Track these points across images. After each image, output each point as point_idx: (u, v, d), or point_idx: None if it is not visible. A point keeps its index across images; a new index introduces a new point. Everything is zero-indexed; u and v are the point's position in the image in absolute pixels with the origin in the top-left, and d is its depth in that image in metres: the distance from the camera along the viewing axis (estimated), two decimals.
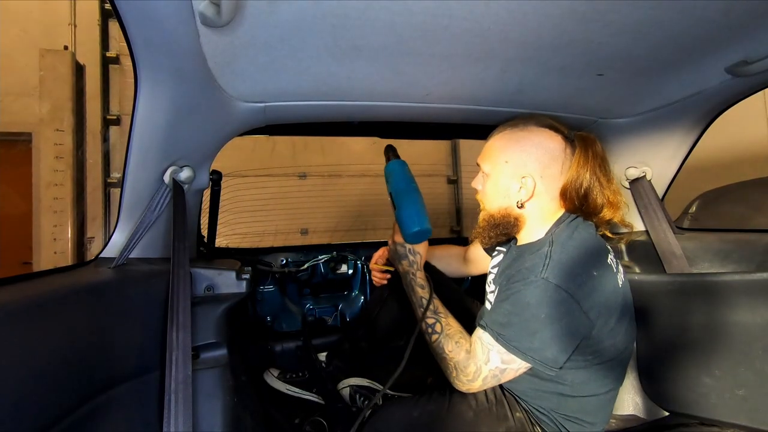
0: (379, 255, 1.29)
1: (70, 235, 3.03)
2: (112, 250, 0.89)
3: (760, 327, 0.82)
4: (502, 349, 0.81)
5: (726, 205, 1.45)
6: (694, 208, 1.48)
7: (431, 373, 1.27)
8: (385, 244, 1.75)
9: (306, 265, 1.60)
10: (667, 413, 1.06)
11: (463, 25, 0.64)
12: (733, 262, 1.01)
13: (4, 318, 0.54)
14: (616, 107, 1.05)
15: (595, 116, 1.09)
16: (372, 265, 1.28)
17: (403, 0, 0.58)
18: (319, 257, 1.63)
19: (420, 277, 1.03)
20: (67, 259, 3.00)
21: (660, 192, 1.19)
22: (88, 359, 0.67)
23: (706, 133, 1.09)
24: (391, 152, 1.15)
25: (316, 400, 1.28)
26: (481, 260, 1.26)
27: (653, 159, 1.15)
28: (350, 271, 1.71)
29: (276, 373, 1.33)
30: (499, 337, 0.81)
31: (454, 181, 4.30)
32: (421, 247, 1.07)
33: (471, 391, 0.88)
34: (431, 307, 0.96)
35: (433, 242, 1.21)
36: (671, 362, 0.96)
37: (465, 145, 4.29)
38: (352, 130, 1.18)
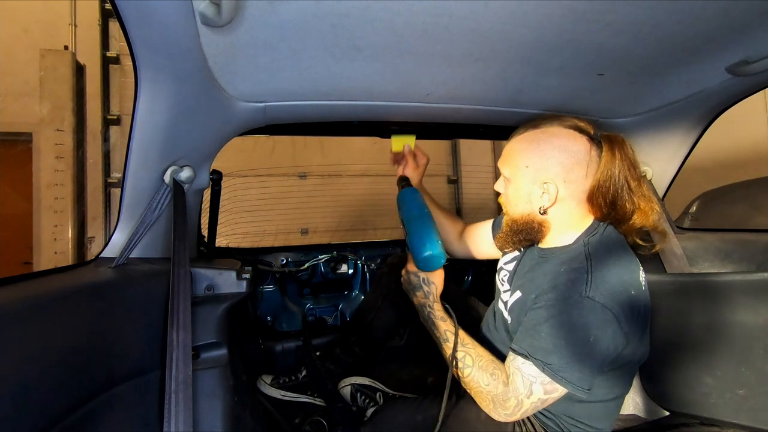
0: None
1: (70, 235, 3.03)
2: (113, 249, 0.89)
3: (761, 327, 0.82)
4: (547, 379, 0.75)
5: (726, 205, 1.45)
6: (694, 208, 1.48)
7: (431, 373, 1.27)
8: (386, 243, 1.76)
9: (306, 265, 1.60)
10: (667, 413, 1.06)
11: (463, 25, 0.64)
12: (733, 262, 1.01)
13: (4, 318, 0.54)
14: (616, 107, 1.05)
15: (596, 116, 1.09)
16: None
17: (403, 0, 0.58)
18: (320, 257, 1.63)
19: (438, 309, 0.95)
20: (68, 259, 3.00)
21: (660, 192, 1.20)
22: (88, 359, 0.67)
23: (706, 133, 1.09)
24: (403, 181, 1.14)
25: (312, 401, 1.28)
26: (477, 245, 1.18)
27: (653, 159, 1.15)
28: (350, 271, 1.71)
29: (269, 379, 1.31)
30: (545, 368, 0.75)
31: (455, 181, 4.30)
32: (437, 277, 0.99)
33: (509, 422, 0.83)
34: (459, 339, 0.89)
35: None
36: (672, 362, 0.96)
37: (465, 145, 4.29)
38: (352, 130, 1.18)
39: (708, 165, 2.34)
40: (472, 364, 0.85)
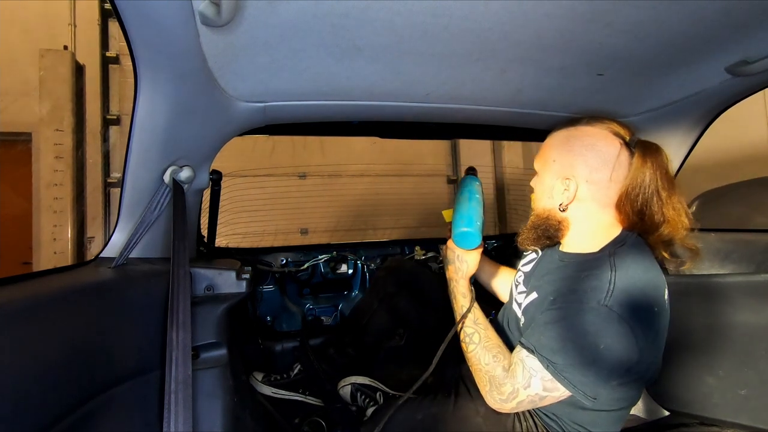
0: None
1: (70, 235, 3.03)
2: (112, 249, 0.89)
3: (762, 328, 0.82)
4: (548, 376, 0.75)
5: (726, 205, 1.44)
6: (694, 208, 1.48)
7: (431, 373, 1.27)
8: (386, 243, 1.77)
9: (306, 265, 1.60)
10: (667, 413, 1.06)
11: (463, 25, 0.64)
12: (733, 262, 1.01)
13: (4, 318, 0.54)
14: (616, 107, 1.05)
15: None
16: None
17: (403, 0, 0.58)
18: (319, 257, 1.63)
19: (463, 286, 0.97)
20: (67, 259, 3.00)
21: None
22: (88, 359, 0.67)
23: (706, 133, 1.09)
24: (470, 170, 1.17)
25: (304, 400, 1.28)
26: None
27: None
28: (350, 271, 1.71)
29: (260, 376, 1.31)
30: (549, 365, 0.74)
31: (454, 181, 4.30)
32: (471, 257, 0.98)
33: (502, 411, 0.83)
34: (471, 316, 0.90)
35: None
36: (674, 362, 0.96)
37: (465, 145, 4.29)
38: (352, 130, 1.18)
39: (708, 165, 2.34)
40: (478, 342, 0.86)
